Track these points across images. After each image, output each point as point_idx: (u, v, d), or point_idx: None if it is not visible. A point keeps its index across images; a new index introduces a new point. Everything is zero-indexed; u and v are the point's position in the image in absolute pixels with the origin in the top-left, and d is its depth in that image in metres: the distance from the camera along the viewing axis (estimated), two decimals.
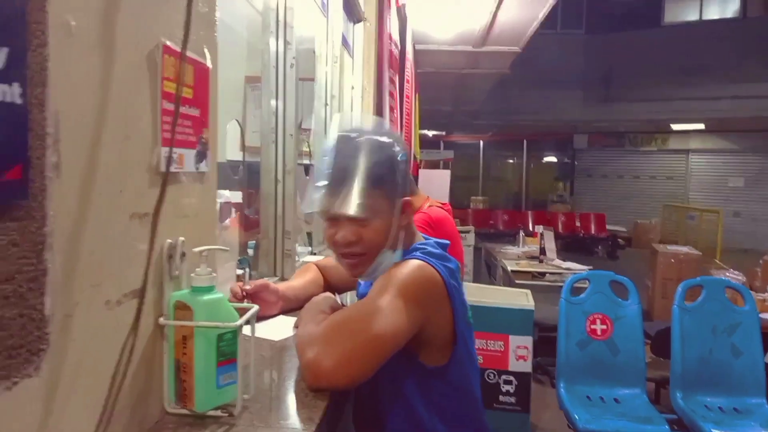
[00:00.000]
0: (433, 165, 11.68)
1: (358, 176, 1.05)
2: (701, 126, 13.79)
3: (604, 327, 3.03)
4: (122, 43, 0.69)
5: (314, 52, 2.66)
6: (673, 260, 6.51)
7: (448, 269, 1.10)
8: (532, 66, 11.12)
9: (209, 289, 0.84)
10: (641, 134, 15.10)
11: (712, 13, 13.66)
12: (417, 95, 7.65)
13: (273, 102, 1.90)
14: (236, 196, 1.52)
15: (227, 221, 1.37)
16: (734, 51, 12.05)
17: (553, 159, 17.10)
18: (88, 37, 0.62)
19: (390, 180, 1.09)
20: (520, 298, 3.56)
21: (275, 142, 1.90)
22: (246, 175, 1.92)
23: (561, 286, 3.27)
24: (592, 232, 12.26)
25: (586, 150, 16.08)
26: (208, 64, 0.96)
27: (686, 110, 12.85)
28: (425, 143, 15.16)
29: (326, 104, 2.72)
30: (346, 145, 1.09)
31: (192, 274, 0.84)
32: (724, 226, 11.35)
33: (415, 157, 6.80)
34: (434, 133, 15.94)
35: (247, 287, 1.33)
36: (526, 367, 3.38)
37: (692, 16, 13.82)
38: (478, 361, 1.26)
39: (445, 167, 6.37)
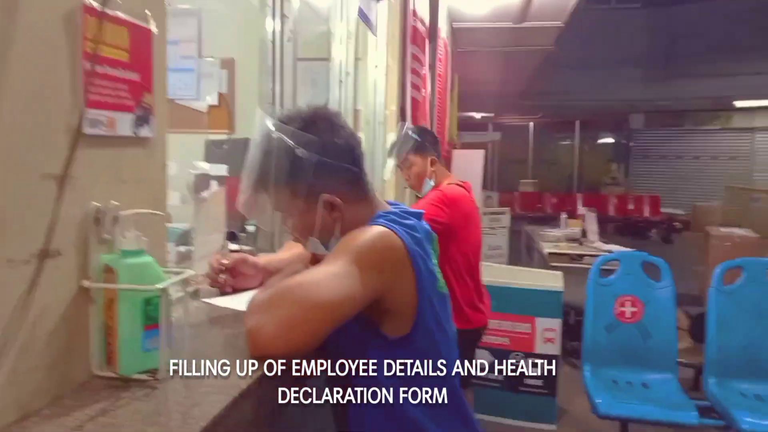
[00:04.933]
0: (480, 147, 11.46)
1: (251, 176, 1.07)
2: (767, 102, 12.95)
3: (635, 309, 2.90)
4: (32, 2, 0.69)
5: (329, 30, 2.64)
6: (728, 243, 6.14)
7: (412, 236, 1.05)
8: (585, 43, 10.71)
9: (137, 253, 0.83)
10: (702, 113, 14.30)
11: None
12: (456, 76, 7.50)
13: (270, 81, 1.89)
14: (219, 169, 1.51)
15: (204, 193, 1.37)
16: None
17: (608, 140, 16.47)
18: None
19: (288, 179, 1.05)
20: (549, 280, 3.46)
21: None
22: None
23: None
24: (646, 215, 11.76)
25: (642, 130, 15.38)
26: (152, 27, 0.95)
27: (751, 86, 12.06)
28: (472, 125, 14.90)
29: (340, 82, 2.69)
30: (254, 143, 1.09)
31: (121, 238, 0.83)
32: None
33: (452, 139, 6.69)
34: (483, 115, 15.62)
35: (225, 261, 1.32)
36: (553, 349, 3.29)
37: None
38: (454, 333, 1.20)
39: (483, 148, 6.22)
